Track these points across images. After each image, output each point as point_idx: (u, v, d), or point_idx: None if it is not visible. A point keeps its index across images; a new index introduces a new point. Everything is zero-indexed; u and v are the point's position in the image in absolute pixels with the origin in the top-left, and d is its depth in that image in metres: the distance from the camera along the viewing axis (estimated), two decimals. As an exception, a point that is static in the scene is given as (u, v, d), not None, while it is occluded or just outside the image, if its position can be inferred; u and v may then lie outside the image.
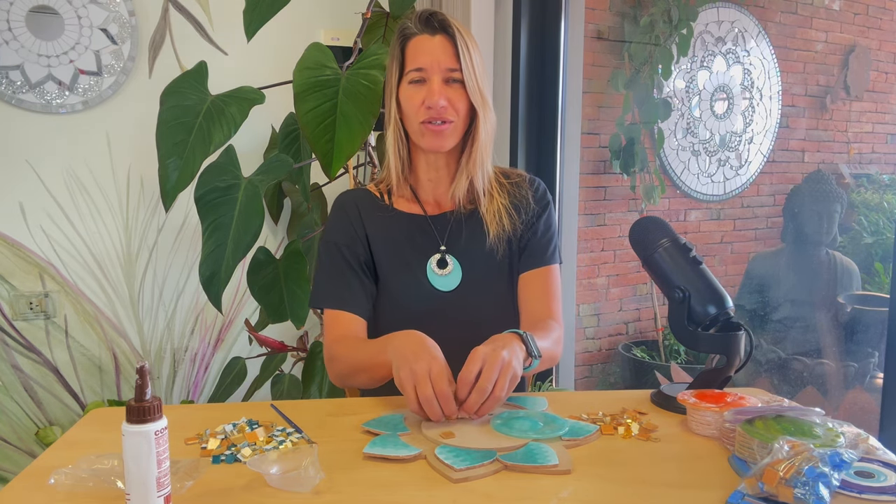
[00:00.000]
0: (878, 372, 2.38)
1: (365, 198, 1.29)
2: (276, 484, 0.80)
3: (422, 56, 1.18)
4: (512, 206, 1.27)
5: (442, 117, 1.17)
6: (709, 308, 1.06)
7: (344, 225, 1.26)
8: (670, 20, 2.86)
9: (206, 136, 1.61)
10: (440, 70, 1.17)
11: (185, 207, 2.18)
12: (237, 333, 2.31)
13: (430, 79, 1.18)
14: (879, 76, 3.11)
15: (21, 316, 2.07)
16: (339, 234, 1.26)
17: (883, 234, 2.72)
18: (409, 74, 1.19)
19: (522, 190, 1.29)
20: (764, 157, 3.19)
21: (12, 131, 2.01)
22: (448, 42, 1.18)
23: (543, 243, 1.27)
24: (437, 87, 1.17)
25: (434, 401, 0.92)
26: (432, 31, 1.19)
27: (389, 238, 1.26)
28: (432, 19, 1.19)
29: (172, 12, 2.12)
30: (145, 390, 0.72)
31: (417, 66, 1.18)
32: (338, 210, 1.29)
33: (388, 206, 1.28)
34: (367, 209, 1.27)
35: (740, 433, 0.86)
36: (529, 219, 1.28)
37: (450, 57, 1.18)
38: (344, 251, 1.24)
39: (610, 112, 3.01)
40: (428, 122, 1.18)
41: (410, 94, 1.19)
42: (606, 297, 3.11)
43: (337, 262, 1.24)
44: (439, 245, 1.25)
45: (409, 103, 1.19)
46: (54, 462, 0.86)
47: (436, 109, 1.16)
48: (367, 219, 1.26)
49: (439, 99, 1.16)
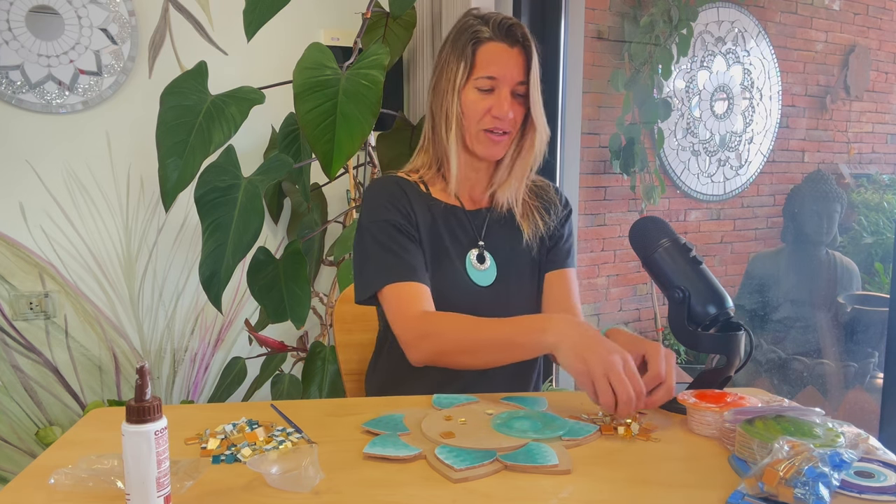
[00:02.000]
0: (878, 372, 2.38)
1: (406, 183, 1.26)
2: (276, 484, 0.80)
3: (496, 66, 1.17)
4: (543, 209, 1.31)
5: (504, 129, 1.19)
6: (709, 308, 1.06)
7: (395, 203, 1.21)
8: (670, 20, 2.86)
9: (206, 136, 1.61)
10: (511, 83, 1.18)
11: (185, 207, 2.18)
12: (237, 333, 2.31)
13: (499, 88, 1.18)
14: (879, 76, 3.11)
15: (21, 316, 2.07)
16: (391, 211, 1.20)
17: (883, 234, 2.72)
18: (479, 81, 1.18)
19: (549, 194, 1.34)
20: (764, 157, 3.19)
21: (12, 131, 2.01)
22: (522, 56, 1.19)
23: (567, 247, 1.32)
24: (506, 99, 1.17)
25: (633, 398, 0.91)
26: (512, 42, 1.18)
27: (433, 225, 1.24)
28: (515, 30, 1.18)
29: (172, 12, 2.12)
30: (145, 390, 0.72)
31: (490, 73, 1.17)
32: (381, 191, 1.24)
33: (426, 194, 1.26)
34: (413, 193, 1.24)
35: (740, 433, 0.86)
36: (556, 223, 1.31)
37: (521, 71, 1.18)
38: (400, 226, 1.19)
39: (610, 112, 3.01)
40: (490, 132, 1.19)
41: (476, 100, 1.19)
42: (606, 297, 3.11)
43: (395, 237, 1.18)
44: (477, 240, 1.26)
45: (474, 108, 1.19)
46: (54, 462, 0.85)
47: (503, 121, 1.18)
48: (414, 202, 1.23)
49: (509, 111, 1.17)
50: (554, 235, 1.31)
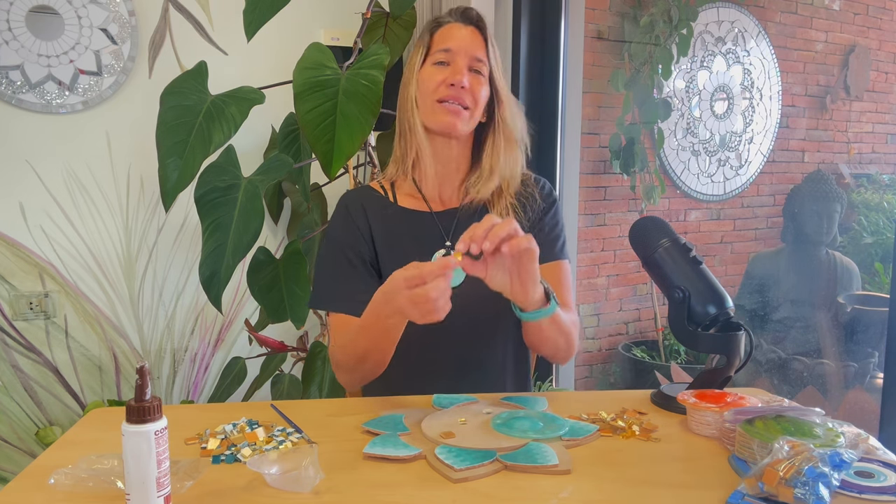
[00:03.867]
0: (878, 372, 2.38)
1: (368, 196, 1.28)
2: (276, 484, 0.80)
3: (451, 40, 1.19)
4: (518, 204, 1.26)
5: (460, 99, 1.17)
6: (709, 308, 1.06)
7: (348, 224, 1.25)
8: (670, 20, 2.86)
9: (206, 136, 1.61)
10: (467, 56, 1.18)
11: (185, 207, 2.18)
12: (237, 333, 2.31)
13: (454, 61, 1.18)
14: (879, 76, 3.11)
15: (21, 316, 2.07)
16: (344, 233, 1.24)
17: (883, 234, 2.72)
18: (435, 55, 1.19)
19: (528, 188, 1.29)
20: (764, 157, 3.19)
21: (12, 131, 2.01)
22: (478, 35, 1.19)
23: (551, 239, 1.27)
24: (461, 69, 1.17)
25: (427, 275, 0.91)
26: (466, 21, 1.21)
27: (394, 235, 1.25)
28: (469, 12, 1.21)
29: (172, 12, 2.12)
30: (145, 390, 0.72)
31: (446, 47, 1.18)
32: (342, 209, 1.27)
33: (392, 203, 1.27)
34: (372, 207, 1.26)
35: (740, 433, 0.86)
36: (536, 216, 1.27)
37: (478, 47, 1.19)
38: (348, 251, 1.23)
39: (610, 112, 3.01)
40: (444, 101, 1.17)
41: (431, 73, 1.19)
42: (606, 297, 3.11)
43: (341, 262, 1.23)
44: (444, 241, 1.24)
45: (429, 81, 1.18)
46: (54, 462, 0.86)
47: (456, 88, 1.16)
48: (371, 217, 1.25)
49: (463, 78, 1.16)
50: (533, 229, 1.26)
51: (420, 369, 1.21)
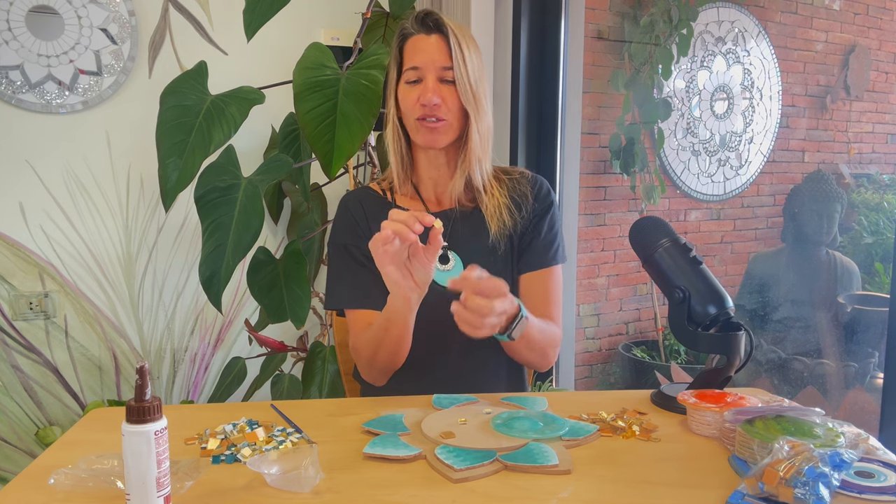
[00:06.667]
0: (878, 372, 2.38)
1: (368, 196, 1.31)
2: (276, 484, 0.80)
3: (417, 55, 1.20)
4: (512, 203, 1.27)
5: (435, 115, 1.19)
6: (709, 308, 1.06)
7: (350, 224, 1.28)
8: (670, 20, 2.86)
9: (206, 136, 1.61)
10: (434, 69, 1.19)
11: (185, 207, 2.18)
12: (237, 333, 2.31)
13: (425, 77, 1.20)
14: (879, 76, 3.11)
15: (21, 316, 2.07)
16: (346, 234, 1.28)
17: (883, 234, 2.72)
18: (406, 73, 1.21)
19: (522, 186, 1.30)
20: (764, 157, 3.19)
21: (12, 131, 2.01)
22: (443, 41, 1.20)
23: (545, 244, 1.27)
24: (431, 86, 1.19)
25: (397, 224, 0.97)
26: (427, 30, 1.21)
27: None
28: (427, 19, 1.22)
29: (172, 12, 2.12)
30: (145, 390, 0.72)
31: (413, 65, 1.21)
32: (342, 211, 1.30)
33: (390, 203, 1.29)
34: (371, 207, 1.29)
35: (740, 433, 0.86)
36: (532, 217, 1.28)
37: (444, 56, 1.19)
38: (353, 250, 1.25)
39: (610, 112, 3.01)
40: (423, 120, 1.20)
41: (407, 93, 1.22)
42: (606, 297, 3.11)
43: (348, 262, 1.26)
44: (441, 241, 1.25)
45: (406, 101, 1.22)
46: (54, 462, 0.86)
47: (429, 107, 1.18)
48: (371, 217, 1.27)
49: (433, 97, 1.18)
50: (528, 233, 1.27)
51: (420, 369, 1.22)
